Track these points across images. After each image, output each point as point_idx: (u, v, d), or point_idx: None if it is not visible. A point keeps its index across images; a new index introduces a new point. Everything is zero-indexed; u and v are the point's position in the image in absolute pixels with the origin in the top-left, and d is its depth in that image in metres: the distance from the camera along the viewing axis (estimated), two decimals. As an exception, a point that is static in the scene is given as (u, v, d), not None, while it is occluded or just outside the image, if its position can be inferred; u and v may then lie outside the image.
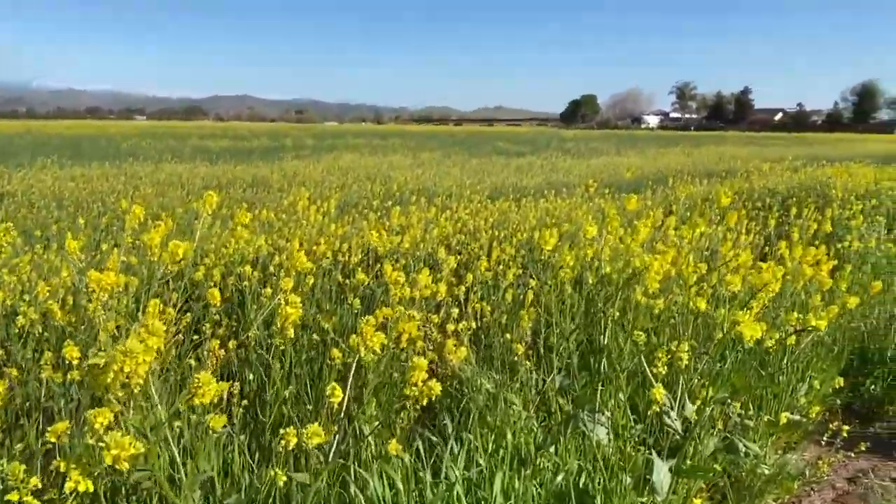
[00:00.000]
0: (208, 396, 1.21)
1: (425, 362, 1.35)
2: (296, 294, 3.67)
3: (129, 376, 1.11)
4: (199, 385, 1.20)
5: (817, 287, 3.76)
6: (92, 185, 13.16)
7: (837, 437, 3.33)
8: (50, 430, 1.43)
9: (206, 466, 1.60)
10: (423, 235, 5.87)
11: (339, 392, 1.45)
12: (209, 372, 2.62)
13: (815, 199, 9.80)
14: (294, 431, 1.54)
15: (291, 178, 15.63)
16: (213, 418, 1.39)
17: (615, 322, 2.50)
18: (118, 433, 1.09)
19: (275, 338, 1.79)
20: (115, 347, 1.12)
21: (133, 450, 1.08)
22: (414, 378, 1.32)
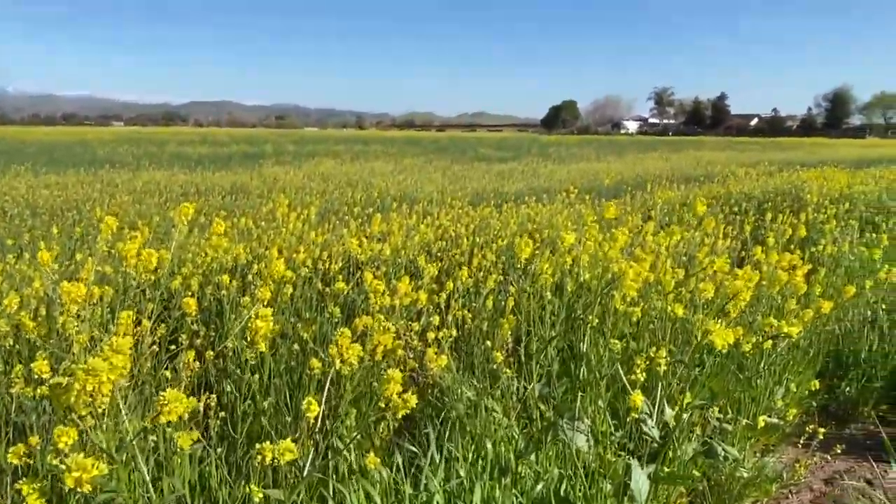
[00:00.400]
0: (175, 414, 1.18)
1: (400, 375, 1.33)
2: (275, 303, 3.64)
3: (92, 395, 1.09)
4: (164, 403, 1.17)
5: (793, 291, 3.81)
6: (67, 193, 12.94)
7: (814, 439, 3.38)
8: (11, 451, 1.39)
9: (178, 483, 1.57)
10: (404, 242, 5.85)
11: (315, 406, 1.43)
12: (184, 384, 2.58)
13: (790, 203, 9.97)
14: (269, 446, 1.52)
15: (271, 184, 15.51)
16: (181, 436, 1.35)
17: (594, 329, 2.50)
18: (80, 455, 1.06)
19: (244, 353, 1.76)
20: (78, 366, 1.09)
21: (96, 471, 1.05)
22: (388, 391, 1.30)
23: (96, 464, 1.05)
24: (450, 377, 2.89)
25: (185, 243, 5.91)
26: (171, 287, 3.92)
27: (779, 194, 10.74)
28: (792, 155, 32.47)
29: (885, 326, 4.54)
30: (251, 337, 1.45)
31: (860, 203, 9.59)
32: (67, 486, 1.05)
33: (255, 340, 1.51)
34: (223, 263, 4.76)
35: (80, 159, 24.59)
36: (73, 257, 5.81)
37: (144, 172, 18.22)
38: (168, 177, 16.77)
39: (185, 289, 3.96)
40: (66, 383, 1.10)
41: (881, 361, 4.35)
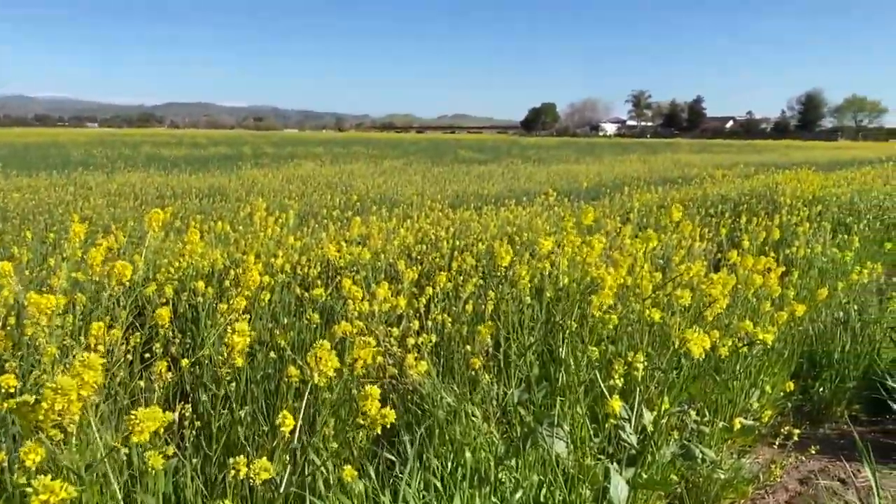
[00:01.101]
0: (147, 433, 1.15)
1: (378, 391, 1.32)
2: (252, 309, 3.59)
3: (61, 414, 1.05)
4: (137, 422, 1.13)
5: (767, 294, 3.87)
6: (39, 196, 12.68)
7: (789, 440, 3.43)
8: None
9: (150, 500, 1.53)
10: (383, 246, 5.82)
11: (290, 420, 1.41)
12: (157, 395, 2.52)
13: (765, 205, 10.14)
14: (244, 460, 1.49)
15: (250, 187, 15.37)
16: (152, 456, 1.32)
17: (573, 333, 2.51)
18: (48, 477, 1.03)
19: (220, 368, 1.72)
20: (47, 385, 1.06)
21: (64, 494, 1.02)
22: (366, 407, 1.28)
23: (64, 486, 1.02)
24: (429, 383, 2.88)
25: (160, 248, 5.82)
26: (145, 294, 3.85)
27: (754, 196, 10.91)
28: (767, 157, 33.08)
29: (857, 327, 4.62)
30: (227, 353, 1.42)
31: (832, 205, 9.78)
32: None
33: (231, 356, 1.48)
34: (199, 269, 4.68)
35: (54, 162, 24.14)
36: (44, 262, 5.68)
37: (119, 175, 17.93)
38: (143, 179, 16.53)
39: (159, 296, 3.89)
40: (33, 402, 1.07)
41: (853, 362, 4.43)
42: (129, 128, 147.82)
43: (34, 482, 0.99)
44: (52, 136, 56.79)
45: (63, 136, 56.64)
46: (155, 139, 50.16)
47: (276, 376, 3.32)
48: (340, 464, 1.95)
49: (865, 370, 4.44)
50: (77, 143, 40.43)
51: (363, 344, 1.42)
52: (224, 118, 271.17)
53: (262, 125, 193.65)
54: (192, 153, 33.25)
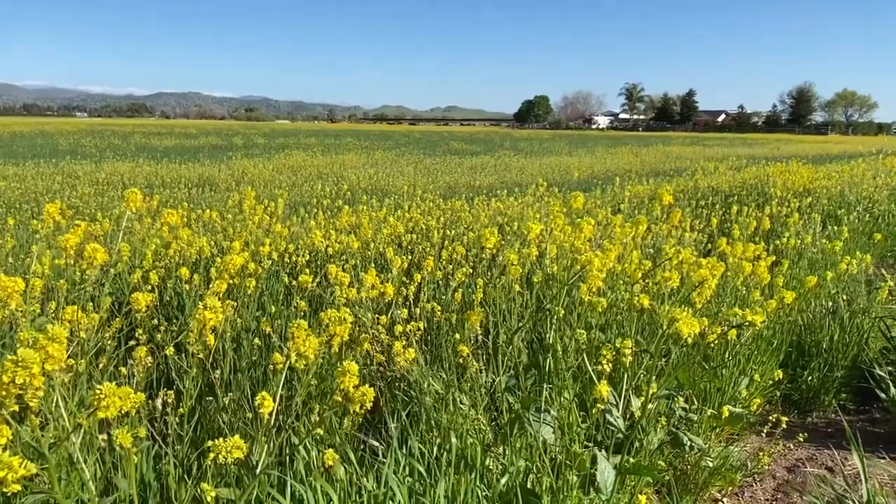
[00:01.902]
0: (114, 409, 1.10)
1: (356, 367, 1.28)
2: (239, 297, 3.54)
3: (23, 388, 1.01)
4: (101, 396, 1.09)
5: (757, 282, 3.86)
6: (26, 185, 12.52)
7: (777, 428, 3.43)
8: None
9: (123, 484, 1.49)
10: (373, 235, 5.78)
11: (269, 403, 1.37)
12: (136, 380, 2.48)
13: (755, 197, 10.16)
14: (223, 443, 1.45)
15: (240, 177, 15.25)
16: (120, 433, 1.28)
17: (561, 320, 2.49)
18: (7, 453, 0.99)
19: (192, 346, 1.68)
20: (7, 356, 1.02)
21: (23, 471, 0.98)
22: (344, 384, 1.25)
23: (24, 463, 0.98)
24: (417, 370, 2.85)
25: (147, 236, 5.75)
26: (130, 281, 3.79)
27: (745, 188, 10.93)
28: (758, 150, 33.19)
29: (845, 317, 4.63)
30: (198, 329, 1.38)
31: (823, 197, 9.81)
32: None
33: (203, 333, 1.43)
34: (186, 257, 4.63)
35: (41, 151, 23.88)
36: (28, 250, 5.61)
37: (108, 164, 17.74)
38: (132, 168, 16.36)
39: (144, 282, 3.84)
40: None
41: (842, 351, 4.44)
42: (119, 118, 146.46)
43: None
44: (40, 125, 56.14)
45: (51, 125, 55.98)
46: (145, 129, 49.71)
47: (263, 364, 3.28)
48: (324, 449, 1.92)
49: (854, 359, 4.46)
50: (65, 133, 40.00)
51: (339, 320, 1.39)
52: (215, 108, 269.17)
53: (254, 116, 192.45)
54: (182, 143, 32.98)
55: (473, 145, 37.03)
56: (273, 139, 38.93)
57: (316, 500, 1.73)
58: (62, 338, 1.08)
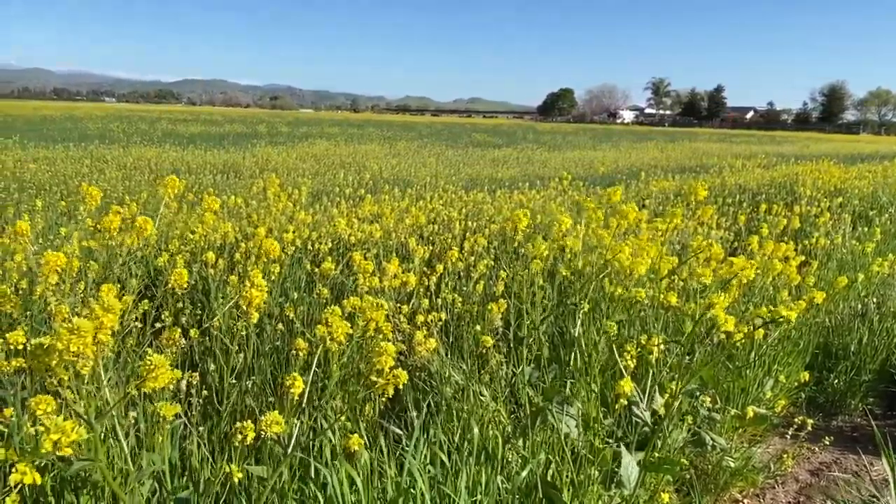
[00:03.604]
0: (161, 380, 1.12)
1: (393, 347, 1.29)
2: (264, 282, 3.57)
3: (77, 356, 1.03)
4: (150, 367, 1.11)
5: (785, 282, 3.79)
6: (55, 168, 12.76)
7: (802, 430, 3.37)
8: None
9: (157, 459, 1.52)
10: (395, 225, 5.79)
11: (300, 383, 1.38)
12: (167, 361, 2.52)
13: (784, 196, 9.97)
14: (251, 425, 1.47)
15: (264, 164, 15.37)
16: (164, 406, 1.30)
17: (586, 314, 2.46)
18: (60, 417, 1.01)
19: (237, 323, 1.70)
20: (62, 325, 1.04)
21: (75, 435, 1.00)
22: (380, 364, 1.25)
23: (76, 427, 1.00)
24: (438, 361, 2.85)
25: (173, 221, 5.82)
26: (156, 263, 3.85)
27: (773, 186, 10.73)
28: (787, 149, 32.55)
29: (875, 320, 4.53)
30: (244, 305, 1.39)
31: (854, 197, 9.59)
32: (45, 449, 1.00)
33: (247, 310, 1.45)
34: (211, 241, 4.68)
35: (70, 135, 24.30)
36: (57, 232, 5.71)
37: (135, 149, 17.99)
38: (159, 154, 16.57)
39: (171, 266, 3.89)
40: (48, 344, 1.05)
41: (870, 355, 4.35)
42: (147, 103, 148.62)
43: (47, 421, 0.98)
44: (70, 109, 57.18)
45: (80, 110, 56.98)
46: (172, 115, 50.34)
47: (285, 349, 3.31)
48: (346, 436, 1.93)
49: (882, 363, 4.36)
50: (94, 118, 40.67)
51: (375, 306, 1.39)
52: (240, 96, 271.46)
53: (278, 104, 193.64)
54: (208, 130, 33.32)
55: (496, 138, 36.86)
56: (297, 128, 39.15)
57: (340, 482, 1.74)
58: (116, 308, 1.10)
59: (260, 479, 1.66)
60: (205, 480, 2.14)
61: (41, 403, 1.22)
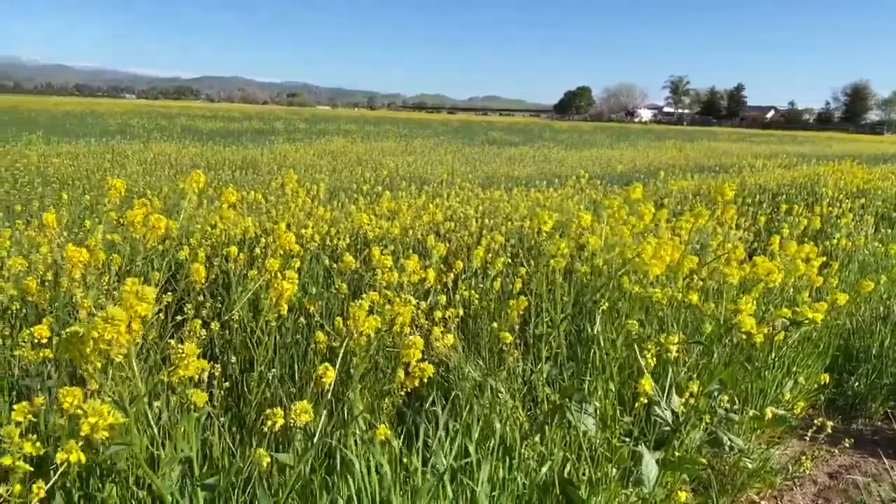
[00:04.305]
0: (192, 368, 1.16)
1: (421, 341, 1.31)
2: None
3: (110, 344, 1.06)
4: (182, 356, 1.14)
5: (806, 283, 3.75)
6: (77, 162, 12.96)
7: (821, 432, 3.34)
8: (16, 408, 1.37)
9: (184, 446, 1.55)
10: (412, 222, 5.81)
11: (331, 372, 1.41)
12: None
13: (805, 196, 9.84)
14: (280, 412, 1.49)
15: (281, 161, 15.48)
16: (195, 393, 1.34)
17: (605, 312, 2.46)
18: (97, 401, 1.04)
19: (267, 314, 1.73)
20: (98, 314, 1.07)
21: (112, 419, 1.03)
22: (408, 357, 1.27)
23: (112, 412, 1.03)
24: (456, 357, 2.87)
25: (193, 215, 5.90)
26: (177, 257, 3.91)
27: (794, 187, 10.59)
28: (808, 149, 32.11)
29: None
30: (275, 298, 1.42)
31: (877, 198, 9.44)
32: (83, 433, 1.04)
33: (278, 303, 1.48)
34: (231, 236, 4.74)
35: (92, 130, 24.67)
36: (81, 225, 5.81)
37: (155, 145, 18.22)
38: (179, 149, 16.76)
39: (192, 259, 3.95)
40: (82, 333, 1.08)
41: (892, 357, 4.29)
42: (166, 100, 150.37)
43: (85, 405, 1.01)
44: (91, 105, 58.01)
45: (102, 106, 57.80)
46: (190, 112, 50.87)
47: (304, 343, 3.35)
48: (368, 428, 1.96)
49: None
50: (114, 113, 41.22)
51: (404, 301, 1.41)
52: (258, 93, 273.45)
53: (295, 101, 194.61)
54: (226, 126, 33.63)
55: (512, 136, 36.78)
56: (314, 125, 39.38)
57: (368, 468, 1.77)
58: (150, 297, 1.13)
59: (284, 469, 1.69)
60: (228, 468, 2.17)
61: (69, 396, 1.26)
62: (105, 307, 1.15)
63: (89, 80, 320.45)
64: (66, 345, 1.19)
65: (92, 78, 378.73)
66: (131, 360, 1.16)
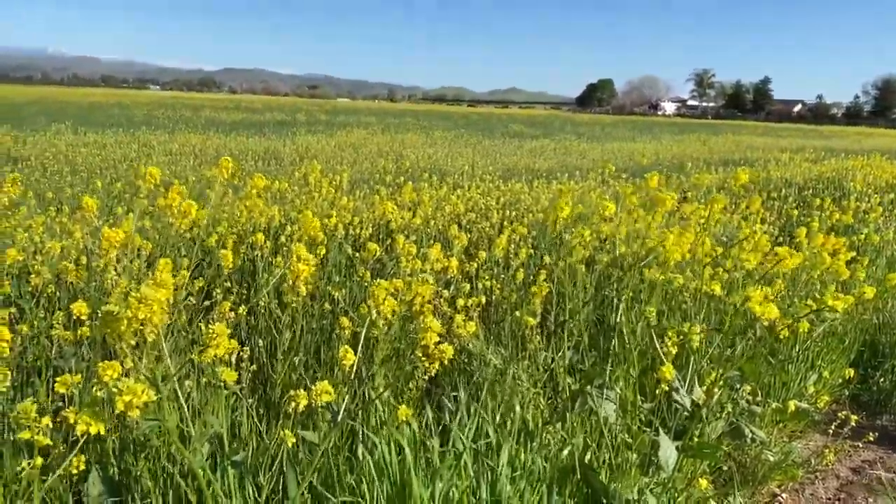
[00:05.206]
0: (223, 348, 1.20)
1: (438, 324, 1.34)
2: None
3: (143, 323, 1.11)
4: (213, 335, 1.19)
5: (833, 277, 3.71)
6: (105, 152, 13.21)
7: (844, 427, 3.32)
8: (59, 381, 1.43)
9: (214, 422, 1.61)
10: (434, 213, 5.85)
11: (351, 355, 1.45)
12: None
13: (832, 191, 9.68)
14: (304, 393, 1.54)
15: (303, 152, 15.63)
16: (225, 371, 1.38)
17: (627, 301, 2.47)
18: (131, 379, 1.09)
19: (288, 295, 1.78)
20: (131, 295, 1.12)
21: (146, 397, 1.08)
22: (426, 340, 1.30)
23: (146, 389, 1.08)
24: (478, 344, 2.90)
25: (219, 204, 6.00)
26: (206, 244, 3.99)
27: (821, 181, 10.42)
28: (836, 143, 31.44)
29: (926, 318, 4.41)
30: (291, 279, 1.46)
31: (907, 194, 9.24)
32: (118, 409, 1.09)
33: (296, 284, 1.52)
34: (257, 224, 4.82)
35: (118, 121, 25.07)
36: (111, 212, 5.95)
37: (180, 135, 18.48)
38: (203, 140, 16.99)
39: (220, 246, 4.03)
40: (117, 312, 1.13)
41: (919, 354, 4.23)
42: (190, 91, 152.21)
43: (119, 383, 1.06)
44: (117, 96, 58.93)
45: (128, 97, 58.68)
46: (214, 103, 51.42)
47: (328, 330, 3.41)
48: (391, 411, 2.00)
49: (932, 363, 4.24)
50: (140, 105, 41.83)
51: (422, 281, 1.44)
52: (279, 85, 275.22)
53: (316, 93, 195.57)
54: (249, 118, 33.95)
55: (533, 128, 36.59)
56: (335, 116, 39.57)
57: (390, 449, 1.81)
58: (168, 284, 1.18)
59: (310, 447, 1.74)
60: (254, 448, 2.24)
61: (108, 369, 1.31)
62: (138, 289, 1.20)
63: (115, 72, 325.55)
64: (103, 323, 1.25)
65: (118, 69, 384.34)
66: (161, 340, 1.21)
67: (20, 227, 4.40)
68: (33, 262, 3.69)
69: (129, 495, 1.99)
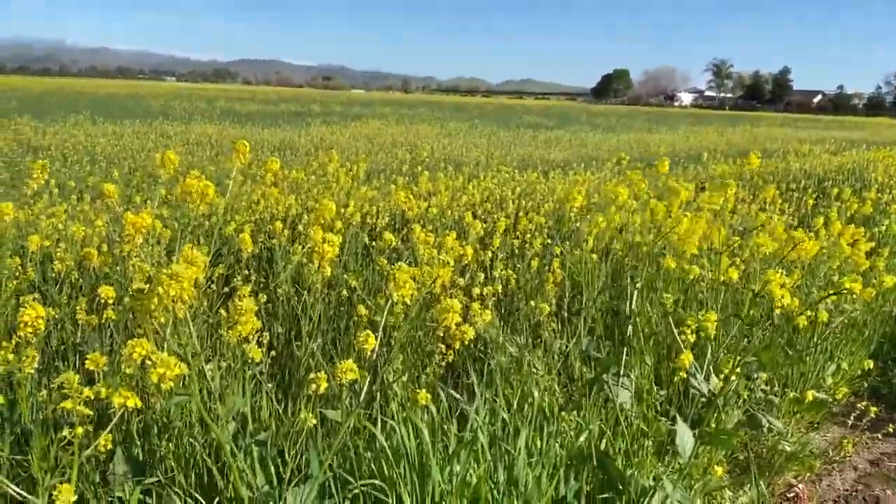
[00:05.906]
0: (248, 326, 1.23)
1: (459, 304, 1.35)
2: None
3: (173, 300, 1.14)
4: (241, 312, 1.22)
5: (853, 268, 3.68)
6: (123, 142, 13.36)
7: (863, 419, 3.29)
8: (90, 358, 1.47)
9: (240, 401, 1.64)
10: (449, 203, 5.86)
11: (372, 339, 1.47)
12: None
13: (852, 182, 9.54)
14: (324, 376, 1.57)
15: (318, 143, 15.68)
16: (251, 348, 1.42)
17: (641, 289, 2.48)
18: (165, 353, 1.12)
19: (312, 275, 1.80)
20: (161, 271, 1.15)
21: (178, 370, 1.11)
22: (447, 321, 1.32)
23: (178, 364, 1.11)
24: (494, 331, 2.92)
25: (238, 193, 6.06)
26: (224, 232, 4.04)
27: (841, 172, 10.28)
28: (856, 135, 30.91)
29: (947, 311, 4.35)
30: (317, 261, 1.48)
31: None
32: (151, 382, 1.12)
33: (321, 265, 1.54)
34: (275, 213, 4.86)
35: (134, 112, 25.32)
36: (130, 201, 6.03)
37: (196, 126, 18.62)
38: (219, 131, 17.11)
39: (238, 234, 4.08)
40: (147, 290, 1.16)
41: (941, 346, 4.18)
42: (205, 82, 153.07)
43: (153, 356, 1.09)
44: (134, 88, 59.47)
45: (144, 88, 59.17)
46: (229, 94, 51.72)
47: (345, 317, 3.44)
48: (409, 396, 2.03)
49: (954, 356, 4.19)
50: (157, 96, 42.19)
51: (442, 263, 1.46)
52: (294, 76, 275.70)
53: (331, 84, 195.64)
54: (263, 109, 34.10)
55: (548, 119, 36.39)
56: (349, 108, 39.63)
57: (408, 432, 1.84)
58: (200, 262, 1.20)
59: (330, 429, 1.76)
60: (275, 430, 2.28)
61: (137, 347, 1.34)
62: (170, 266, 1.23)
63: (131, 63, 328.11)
64: (133, 300, 1.28)
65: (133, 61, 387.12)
66: (188, 322, 1.24)
67: (43, 215, 4.48)
68: (56, 249, 3.76)
69: (153, 474, 2.03)
